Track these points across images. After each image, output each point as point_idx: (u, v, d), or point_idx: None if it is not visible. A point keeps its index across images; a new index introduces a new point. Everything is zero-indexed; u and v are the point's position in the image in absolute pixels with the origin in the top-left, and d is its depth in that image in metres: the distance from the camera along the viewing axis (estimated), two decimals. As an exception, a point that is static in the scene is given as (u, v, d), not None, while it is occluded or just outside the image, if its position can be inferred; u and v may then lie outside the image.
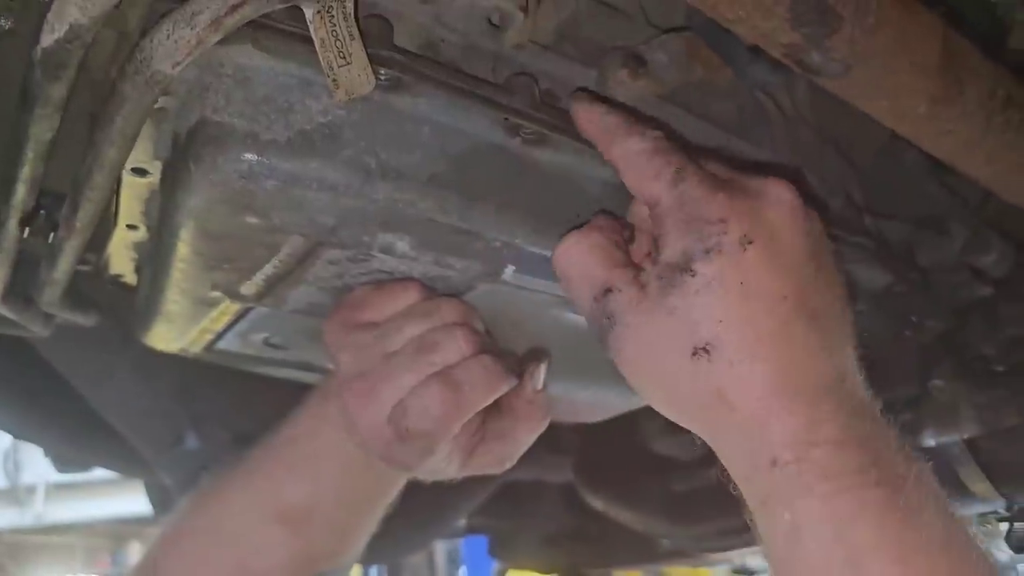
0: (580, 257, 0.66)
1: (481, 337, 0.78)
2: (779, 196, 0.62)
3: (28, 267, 0.81)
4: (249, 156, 0.59)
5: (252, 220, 0.65)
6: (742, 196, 0.61)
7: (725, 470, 0.61)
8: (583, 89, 0.73)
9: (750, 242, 0.59)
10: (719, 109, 0.86)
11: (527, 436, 0.86)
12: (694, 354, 0.58)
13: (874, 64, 0.63)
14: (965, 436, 1.03)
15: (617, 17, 0.78)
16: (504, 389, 0.78)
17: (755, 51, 0.77)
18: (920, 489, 0.55)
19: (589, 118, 0.68)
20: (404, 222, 0.68)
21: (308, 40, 0.59)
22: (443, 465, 0.82)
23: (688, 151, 0.65)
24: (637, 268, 0.64)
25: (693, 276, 0.59)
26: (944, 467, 1.03)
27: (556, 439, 1.81)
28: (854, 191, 0.99)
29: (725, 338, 0.58)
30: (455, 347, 0.75)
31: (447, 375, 0.75)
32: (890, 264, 0.97)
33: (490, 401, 0.77)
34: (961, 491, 1.05)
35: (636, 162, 0.65)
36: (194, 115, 0.60)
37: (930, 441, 1.04)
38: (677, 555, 1.93)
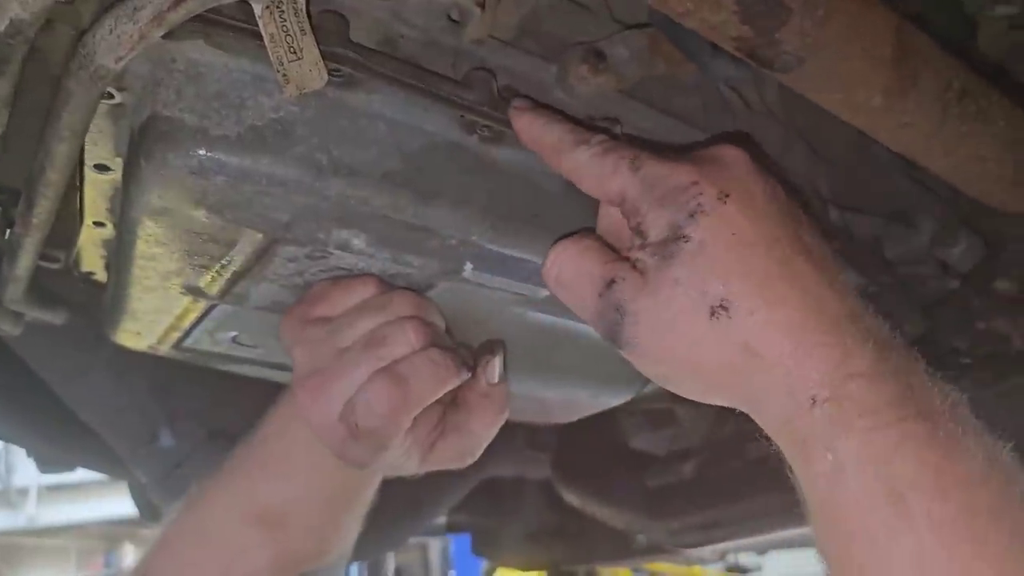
0: (574, 259, 0.66)
1: (433, 330, 0.78)
2: (734, 157, 0.63)
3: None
4: (199, 152, 0.59)
5: (206, 216, 0.65)
6: (701, 160, 0.63)
7: (752, 439, 0.61)
8: (523, 97, 0.73)
9: (727, 195, 0.59)
10: (682, 104, 0.86)
11: (485, 430, 0.84)
12: (712, 315, 0.58)
13: (826, 56, 0.64)
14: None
15: (579, 12, 0.78)
16: (454, 383, 0.77)
17: (716, 46, 0.78)
18: (957, 421, 0.54)
19: (531, 133, 0.69)
20: (359, 219, 0.68)
21: (261, 36, 0.59)
22: (402, 460, 0.81)
23: (635, 144, 0.66)
24: (631, 260, 0.64)
25: (687, 241, 0.59)
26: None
27: (536, 436, 1.82)
28: (821, 185, 1.00)
29: (737, 290, 0.58)
30: (404, 340, 0.74)
31: (393, 370, 0.74)
32: (859, 262, 0.98)
33: (439, 395, 0.76)
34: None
35: (590, 168, 0.65)
36: (146, 110, 0.60)
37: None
38: (654, 550, 1.94)
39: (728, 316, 0.58)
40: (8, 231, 0.69)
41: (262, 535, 0.88)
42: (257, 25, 0.59)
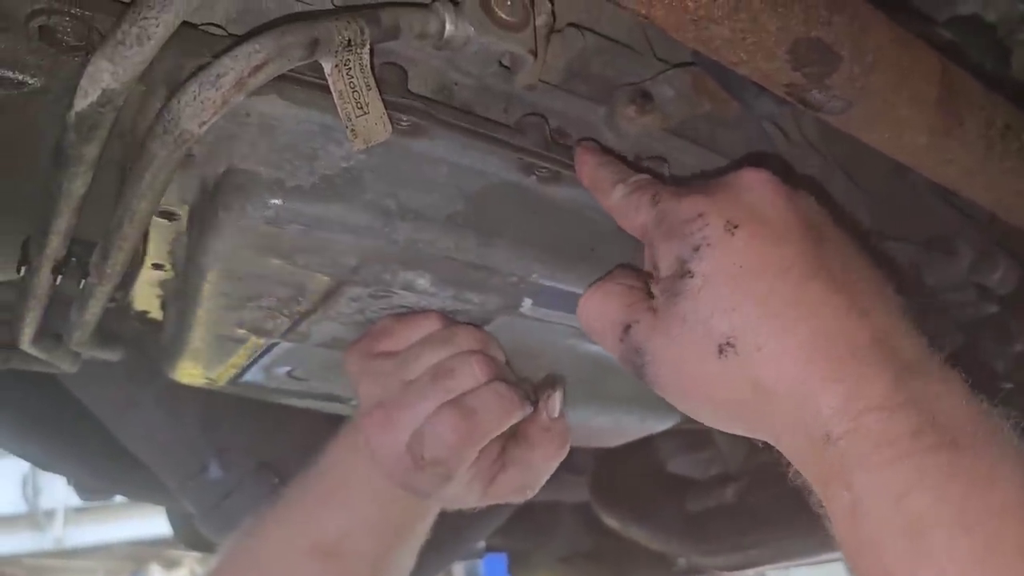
0: (598, 307, 0.66)
1: (497, 364, 0.79)
2: (752, 180, 0.61)
3: (57, 307, 0.83)
4: (275, 202, 0.62)
5: (277, 262, 0.67)
6: (715, 189, 0.61)
7: (789, 465, 0.59)
8: (587, 139, 0.75)
9: (736, 226, 0.58)
10: (726, 140, 0.88)
11: (546, 464, 0.86)
12: (720, 353, 0.56)
13: (874, 100, 0.65)
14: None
15: (625, 53, 0.80)
16: (519, 416, 0.79)
17: (761, 86, 0.79)
18: (991, 448, 0.50)
19: (584, 172, 0.71)
20: (424, 260, 0.70)
21: (328, 88, 0.62)
22: (464, 493, 0.83)
23: (671, 181, 0.67)
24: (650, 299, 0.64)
25: (692, 277, 0.58)
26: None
27: (572, 459, 1.83)
28: (862, 214, 1.01)
29: (743, 324, 0.56)
30: (470, 374, 0.76)
31: (461, 402, 0.75)
32: (898, 284, 0.99)
33: (504, 428, 0.78)
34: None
35: (622, 206, 0.67)
36: (222, 163, 0.62)
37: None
38: (693, 573, 1.93)
39: (736, 353, 0.56)
40: (83, 281, 0.71)
41: (318, 566, 0.89)
42: (322, 78, 0.62)
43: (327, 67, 0.59)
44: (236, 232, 0.63)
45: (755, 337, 0.56)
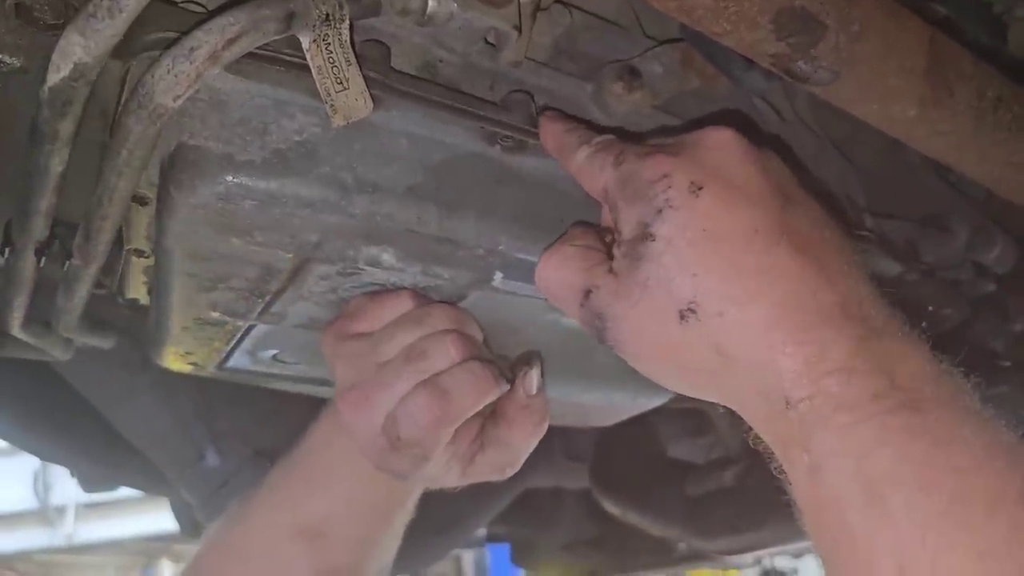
0: (555, 271, 0.65)
1: (472, 343, 0.79)
2: (719, 139, 0.60)
3: (45, 294, 0.83)
4: (227, 178, 0.61)
5: (237, 240, 0.66)
6: (679, 149, 0.60)
7: (750, 430, 0.58)
8: (551, 109, 0.74)
9: (700, 188, 0.57)
10: (715, 117, 0.87)
11: (524, 442, 0.85)
12: (682, 318, 0.56)
13: (861, 70, 0.64)
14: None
15: (612, 30, 0.79)
16: (494, 395, 0.78)
17: (749, 59, 0.79)
18: (954, 409, 0.50)
19: (549, 138, 0.70)
20: (386, 234, 0.69)
21: (281, 61, 0.61)
22: (442, 473, 0.82)
23: (636, 140, 0.65)
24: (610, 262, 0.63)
25: (654, 240, 0.57)
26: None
27: (572, 445, 1.83)
28: (856, 192, 1.00)
29: (705, 289, 0.55)
30: (444, 353, 0.75)
31: (434, 382, 0.75)
32: (896, 253, 0.98)
33: (479, 407, 0.77)
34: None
35: (585, 167, 0.66)
36: (173, 140, 0.61)
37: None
38: (695, 558, 1.93)
39: (697, 318, 0.55)
40: (67, 263, 0.71)
41: (304, 548, 0.90)
42: (287, 54, 0.61)
43: (305, 42, 0.58)
44: (190, 210, 0.62)
45: (718, 303, 0.55)
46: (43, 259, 0.71)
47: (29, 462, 6.17)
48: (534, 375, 0.83)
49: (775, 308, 0.54)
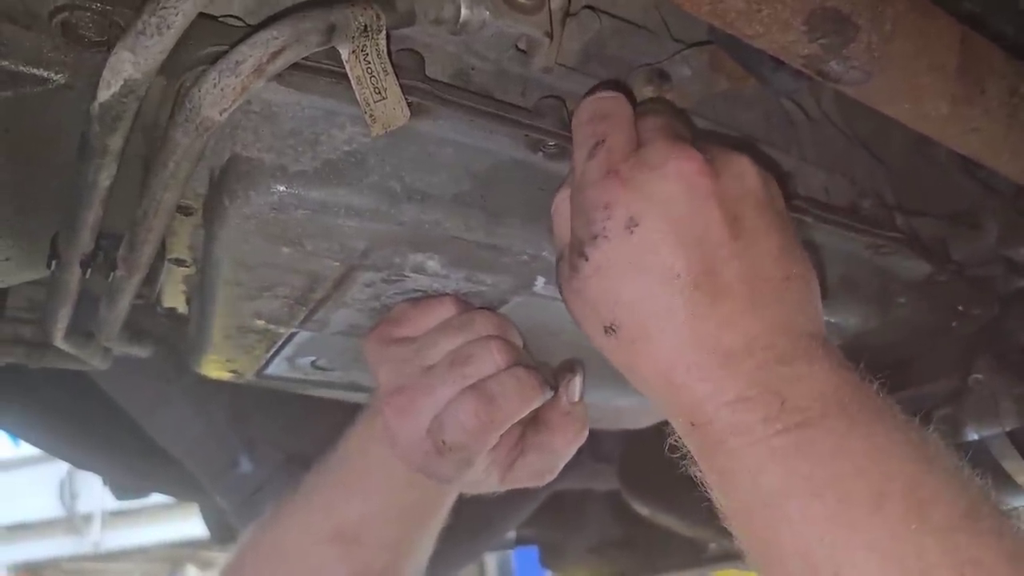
0: (555, 215, 0.69)
1: (516, 349, 0.80)
2: (677, 169, 0.60)
3: (87, 304, 0.84)
4: (279, 188, 0.62)
5: (286, 249, 0.68)
6: (636, 173, 0.61)
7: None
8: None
9: (636, 224, 0.59)
10: (745, 118, 0.87)
11: (565, 448, 0.86)
12: (606, 332, 0.61)
13: (894, 69, 0.64)
14: (1007, 429, 1.03)
15: (640, 34, 0.80)
16: (539, 401, 0.79)
17: (778, 60, 0.79)
18: (842, 422, 0.55)
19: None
20: (432, 242, 0.70)
21: (329, 72, 0.62)
22: (483, 478, 0.84)
23: (630, 110, 0.67)
24: None
25: (586, 261, 0.61)
26: (988, 460, 1.03)
27: (600, 447, 1.83)
28: (885, 190, 1.00)
29: (622, 318, 0.60)
30: (489, 359, 0.77)
31: (481, 387, 0.76)
32: (926, 254, 0.98)
33: (524, 413, 0.78)
34: (1007, 483, 1.05)
35: (573, 128, 0.68)
36: (225, 152, 0.63)
37: (972, 435, 1.04)
38: (726, 558, 1.93)
39: (616, 338, 0.61)
40: (111, 274, 0.72)
41: (339, 552, 0.90)
42: (333, 65, 0.62)
43: (344, 53, 0.59)
44: (243, 220, 0.63)
45: (631, 331, 0.60)
46: (88, 271, 0.72)
47: (55, 471, 6.23)
48: (578, 382, 0.84)
49: (680, 347, 0.59)
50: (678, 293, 0.59)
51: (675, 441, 0.63)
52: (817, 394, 0.57)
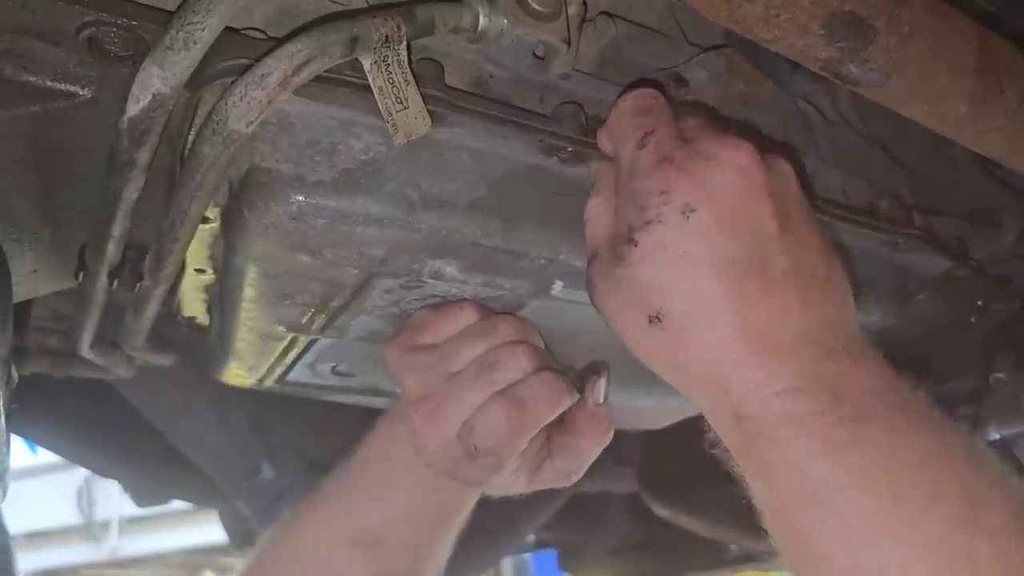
0: (590, 221, 0.69)
1: (541, 353, 0.80)
2: (732, 159, 0.61)
3: (112, 314, 0.85)
4: (298, 198, 0.63)
5: (306, 258, 0.68)
6: (691, 163, 0.61)
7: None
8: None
9: (693, 210, 0.59)
10: (763, 120, 0.87)
11: (591, 450, 0.87)
12: (650, 322, 0.60)
13: (912, 71, 0.65)
14: (1031, 427, 1.03)
15: (657, 39, 0.80)
16: (567, 404, 0.80)
17: (794, 62, 0.79)
18: (893, 418, 0.55)
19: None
20: (450, 248, 0.71)
21: (345, 83, 0.63)
22: (511, 480, 0.85)
23: (670, 108, 0.67)
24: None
25: (636, 247, 0.61)
26: (1011, 460, 1.03)
27: (619, 449, 1.83)
28: (903, 190, 1.00)
29: (672, 307, 0.60)
30: (517, 364, 0.77)
31: (511, 392, 0.77)
32: (944, 250, 0.98)
33: (554, 416, 0.79)
34: (1032, 483, 1.05)
35: (616, 122, 0.68)
36: (244, 163, 0.64)
37: (994, 434, 1.04)
38: (748, 560, 1.92)
39: (662, 328, 0.60)
40: (138, 285, 0.73)
41: (360, 556, 0.91)
42: (349, 75, 0.63)
43: (366, 64, 0.60)
44: (263, 230, 0.64)
45: (681, 320, 0.60)
46: (115, 282, 0.73)
47: (73, 478, 6.27)
48: (603, 384, 0.85)
49: (732, 336, 0.58)
50: (730, 282, 0.59)
51: (712, 437, 0.63)
52: (868, 390, 0.57)
